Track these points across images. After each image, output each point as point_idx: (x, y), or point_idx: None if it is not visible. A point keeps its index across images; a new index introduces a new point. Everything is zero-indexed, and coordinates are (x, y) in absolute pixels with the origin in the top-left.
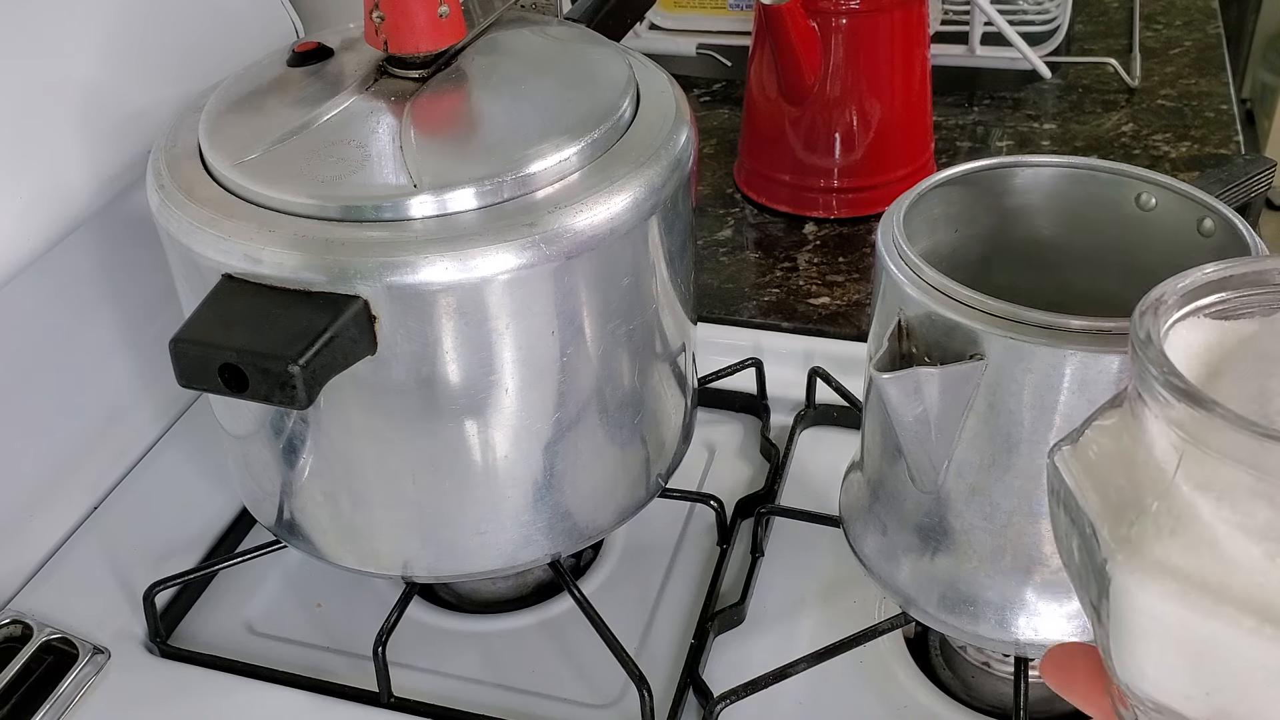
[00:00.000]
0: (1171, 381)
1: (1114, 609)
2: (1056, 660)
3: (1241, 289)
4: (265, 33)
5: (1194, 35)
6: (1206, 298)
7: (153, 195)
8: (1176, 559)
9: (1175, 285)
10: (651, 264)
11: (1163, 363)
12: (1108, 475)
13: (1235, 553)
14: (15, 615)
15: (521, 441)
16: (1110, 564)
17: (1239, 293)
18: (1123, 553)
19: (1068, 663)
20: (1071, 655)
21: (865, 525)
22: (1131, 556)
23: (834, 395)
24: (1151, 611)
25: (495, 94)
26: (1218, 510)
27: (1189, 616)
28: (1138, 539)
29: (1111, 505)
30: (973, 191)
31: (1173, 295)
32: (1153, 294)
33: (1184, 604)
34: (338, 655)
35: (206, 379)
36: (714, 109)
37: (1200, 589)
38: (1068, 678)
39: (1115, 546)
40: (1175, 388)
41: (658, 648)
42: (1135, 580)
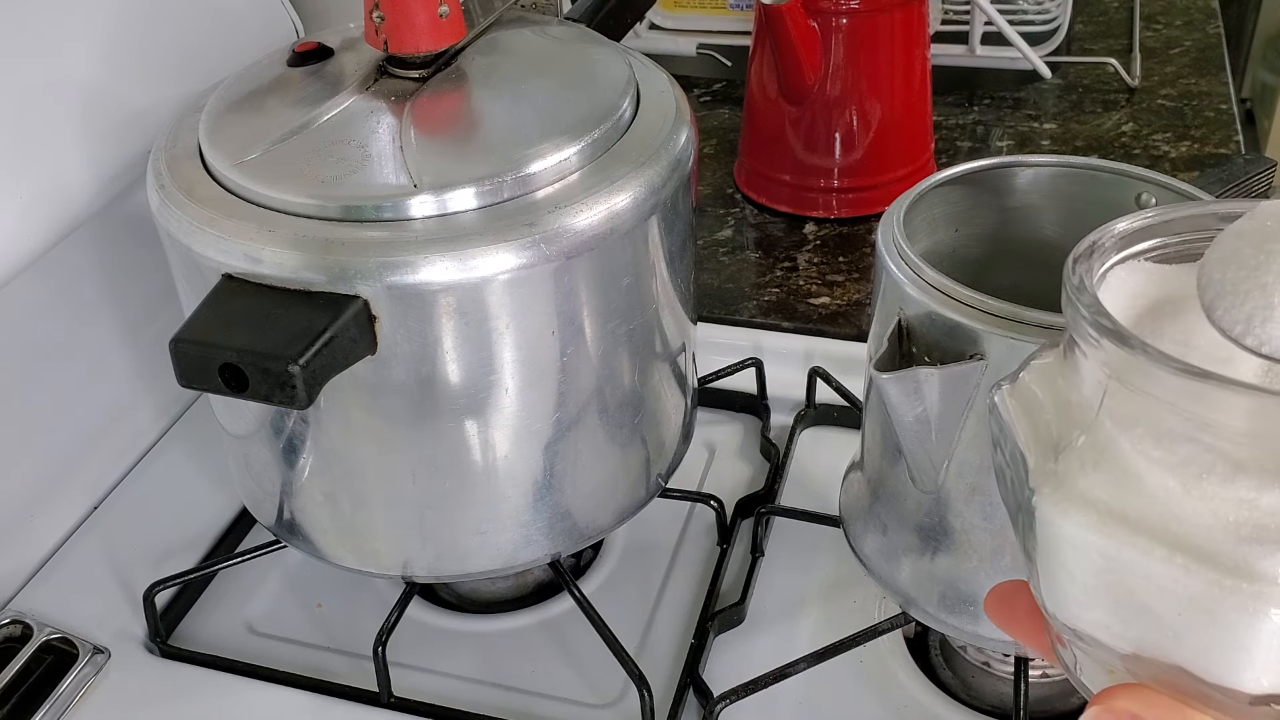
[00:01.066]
0: (1099, 321)
1: (1039, 541)
2: (999, 597)
3: (1181, 233)
4: (265, 33)
5: (1194, 35)
6: (1144, 242)
7: (153, 195)
8: (1098, 492)
9: (1111, 230)
10: (651, 264)
11: (1092, 303)
12: (1040, 412)
13: (1153, 485)
14: (15, 615)
15: (521, 441)
16: (1035, 496)
17: (1179, 238)
18: (1048, 485)
19: (1009, 600)
20: (1013, 593)
21: (865, 525)
22: (1056, 489)
23: (834, 395)
24: (1073, 542)
25: (495, 94)
26: (1139, 445)
27: (1107, 546)
28: (1062, 472)
29: (1041, 441)
30: (973, 191)
31: (1109, 239)
32: (1089, 237)
33: (1102, 534)
34: (338, 655)
35: (206, 379)
36: (714, 109)
37: (1119, 520)
38: (1009, 614)
39: (1041, 479)
40: (1101, 326)
41: (658, 648)
42: (1058, 512)
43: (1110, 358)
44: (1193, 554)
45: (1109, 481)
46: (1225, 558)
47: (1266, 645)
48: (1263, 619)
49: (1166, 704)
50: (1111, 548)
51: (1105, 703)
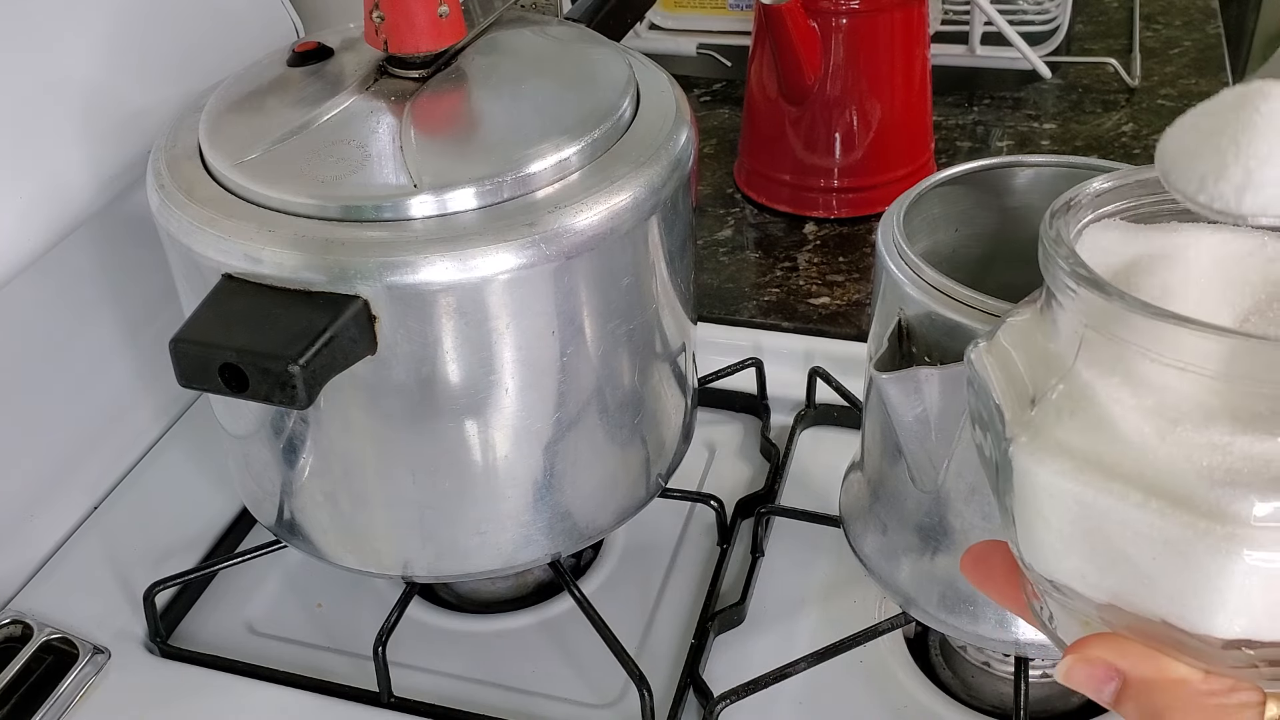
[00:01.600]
0: (1076, 271)
1: (1016, 491)
2: (975, 555)
3: (1155, 192)
4: (265, 33)
5: (1194, 35)
6: (1119, 201)
7: (153, 195)
8: (1073, 439)
9: (1087, 188)
10: (651, 264)
11: (1069, 255)
12: (1016, 366)
13: (1128, 432)
14: (15, 615)
15: (521, 441)
16: (1012, 446)
17: (1153, 197)
18: (1025, 434)
19: (985, 558)
20: (989, 551)
21: (865, 525)
22: (1033, 438)
23: (834, 395)
24: (1049, 490)
25: (495, 94)
26: (1113, 393)
27: (1083, 493)
28: (1038, 422)
29: (1017, 394)
30: (973, 191)
31: (1085, 197)
32: (1065, 195)
33: (1078, 481)
34: (338, 655)
35: (206, 379)
36: (714, 109)
37: (1094, 466)
38: (985, 573)
39: (1017, 429)
40: (1078, 276)
41: (658, 648)
42: (1035, 460)
43: (1086, 305)
44: (1167, 498)
45: (1084, 429)
46: (1199, 501)
47: (1239, 588)
48: (1235, 560)
49: (1141, 652)
50: (1087, 494)
51: (1080, 651)
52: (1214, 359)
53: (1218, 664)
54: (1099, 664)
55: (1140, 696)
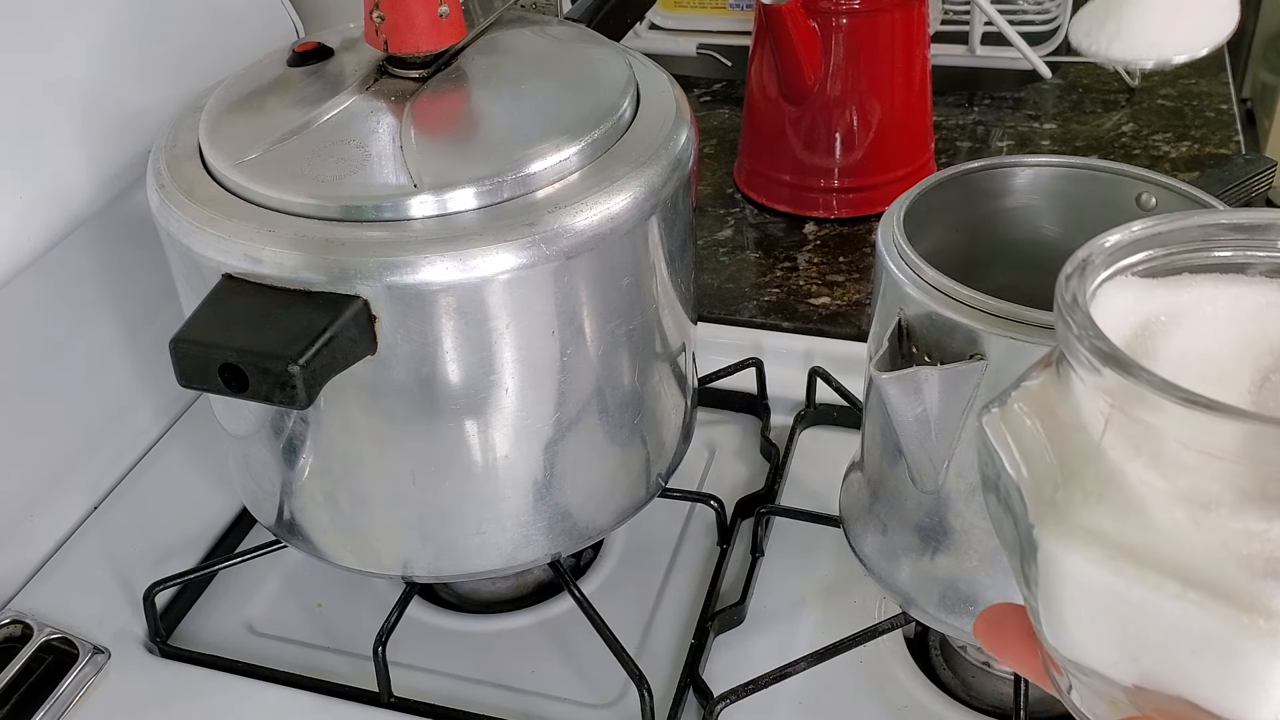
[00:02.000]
0: (1097, 346)
1: (1042, 575)
2: (989, 620)
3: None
4: (265, 33)
5: None
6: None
7: (153, 195)
8: (1103, 524)
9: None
10: (651, 264)
11: (1088, 326)
12: (1034, 438)
13: (1160, 518)
14: (15, 615)
15: (521, 441)
16: (1037, 530)
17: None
18: (1050, 518)
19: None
20: (1004, 615)
21: (865, 525)
22: (1059, 523)
23: (834, 395)
24: (1078, 578)
25: (495, 94)
26: (1143, 475)
27: (1115, 582)
28: (1064, 504)
29: (1038, 469)
30: (973, 191)
31: (1099, 255)
32: (1079, 254)
33: (1110, 570)
34: (338, 655)
35: (206, 379)
36: (714, 109)
37: (1126, 554)
38: (1000, 638)
39: (1042, 512)
40: (1100, 352)
41: (658, 648)
42: (1062, 546)
43: (1110, 384)
44: (1206, 590)
45: (1114, 513)
46: (1240, 593)
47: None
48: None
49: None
50: (1119, 584)
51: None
52: (1243, 443)
53: None
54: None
55: None
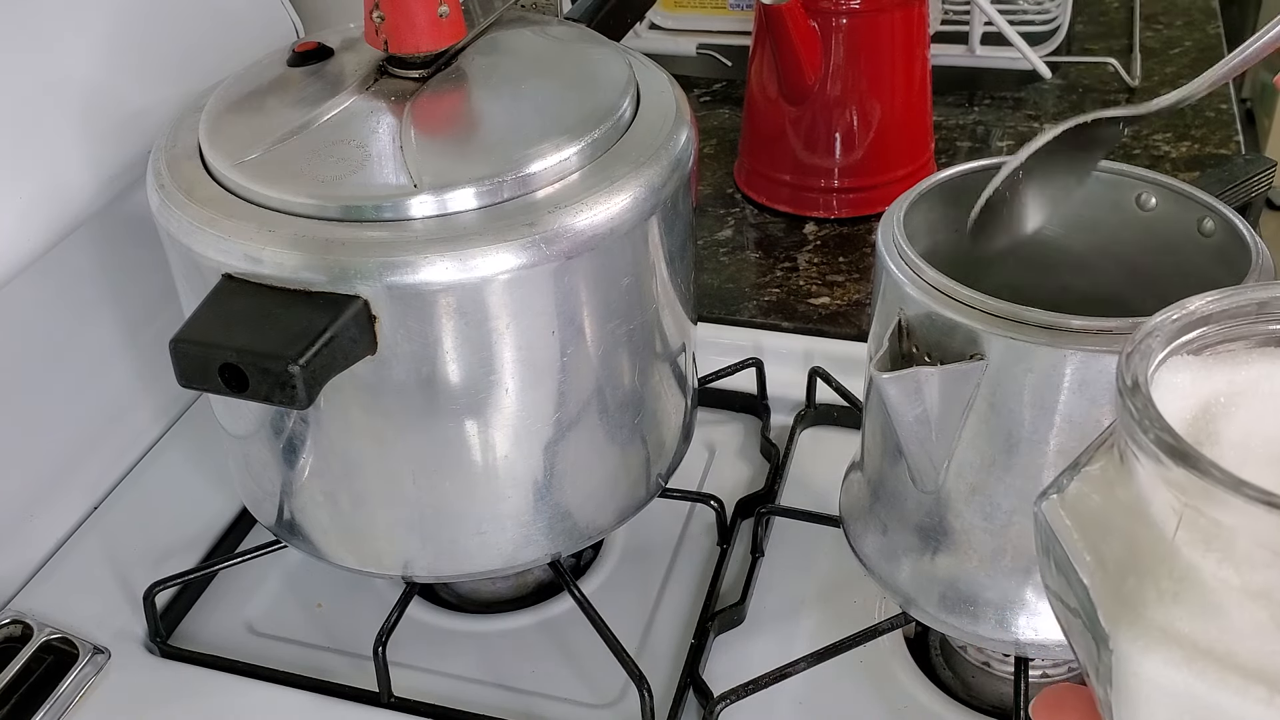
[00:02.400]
0: (1163, 439)
1: (1116, 675)
2: (1048, 702)
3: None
4: (265, 33)
5: (1194, 35)
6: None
7: (153, 195)
8: (1180, 625)
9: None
10: (651, 264)
11: (1153, 417)
12: (1101, 530)
13: (1240, 618)
14: (15, 615)
15: (521, 441)
16: (1110, 629)
17: (1220, 325)
18: (1124, 617)
19: (1059, 704)
20: (1062, 697)
21: (865, 525)
22: (1134, 623)
23: (834, 395)
24: (1155, 679)
25: (495, 94)
26: (1219, 572)
27: (1195, 685)
28: (1138, 604)
29: (1107, 564)
30: (973, 191)
31: (1163, 332)
32: (1141, 331)
33: (1190, 672)
34: (338, 655)
35: (206, 379)
36: (714, 109)
37: (1206, 656)
38: None
39: (1115, 611)
40: (1167, 446)
41: (658, 648)
42: (1138, 648)
43: (1178, 479)
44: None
45: (1191, 614)
46: None
47: None
48: None
49: None
50: (1201, 688)
51: None
52: None
53: None
54: None
55: None
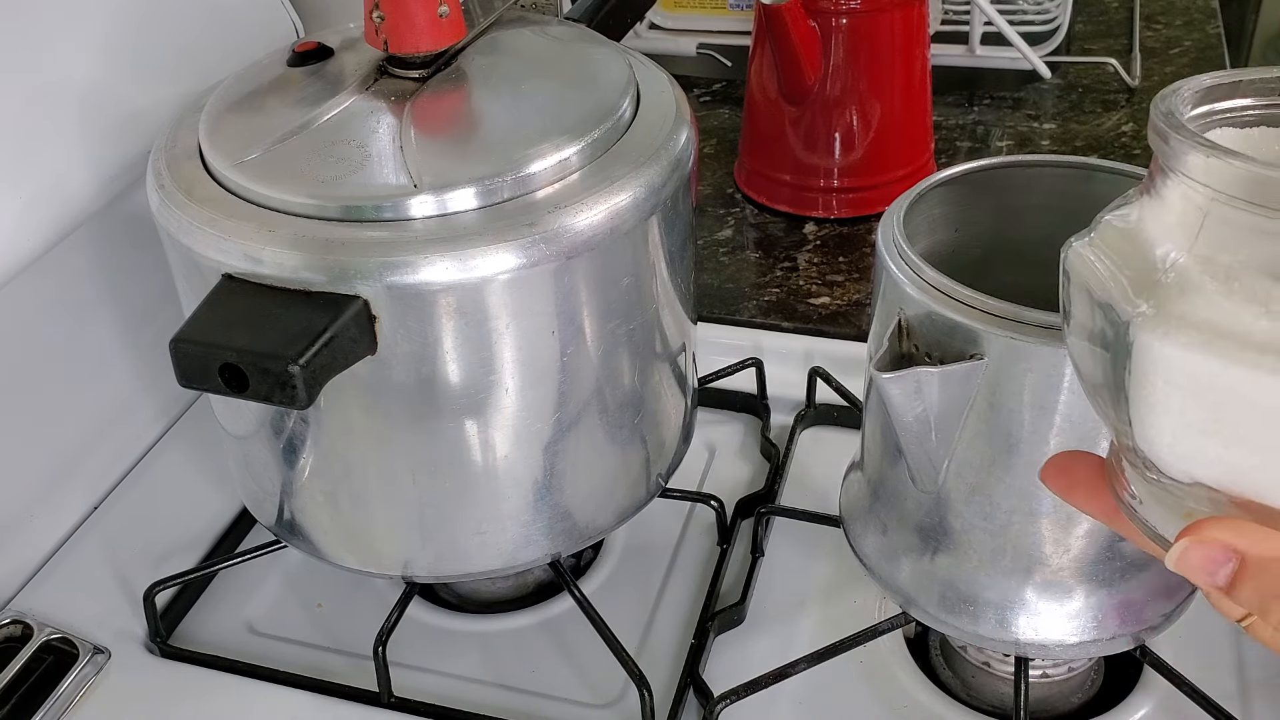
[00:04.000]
0: (1196, 139)
1: (1135, 371)
2: (1059, 466)
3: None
4: (265, 32)
5: (1194, 35)
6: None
7: (153, 195)
8: (1200, 312)
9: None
10: (651, 264)
11: (1186, 127)
12: (1126, 254)
13: (1259, 300)
14: (15, 615)
15: (521, 441)
16: (1133, 325)
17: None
18: (1149, 309)
19: (1069, 467)
20: (1072, 460)
21: (865, 525)
22: (1157, 312)
23: (834, 395)
24: (1174, 363)
25: (495, 94)
26: (1241, 260)
27: (1213, 364)
28: (1161, 298)
29: (1129, 279)
30: (973, 191)
31: (1189, 88)
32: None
33: (1208, 353)
34: (338, 655)
35: (206, 379)
36: (714, 109)
37: (1225, 337)
38: (1068, 481)
39: (1137, 308)
40: (1202, 144)
41: (658, 648)
42: (1159, 335)
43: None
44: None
45: (1211, 302)
46: None
47: None
48: None
49: (1260, 531)
50: (1217, 365)
51: (1196, 534)
52: None
53: None
54: (1215, 545)
55: (1259, 576)
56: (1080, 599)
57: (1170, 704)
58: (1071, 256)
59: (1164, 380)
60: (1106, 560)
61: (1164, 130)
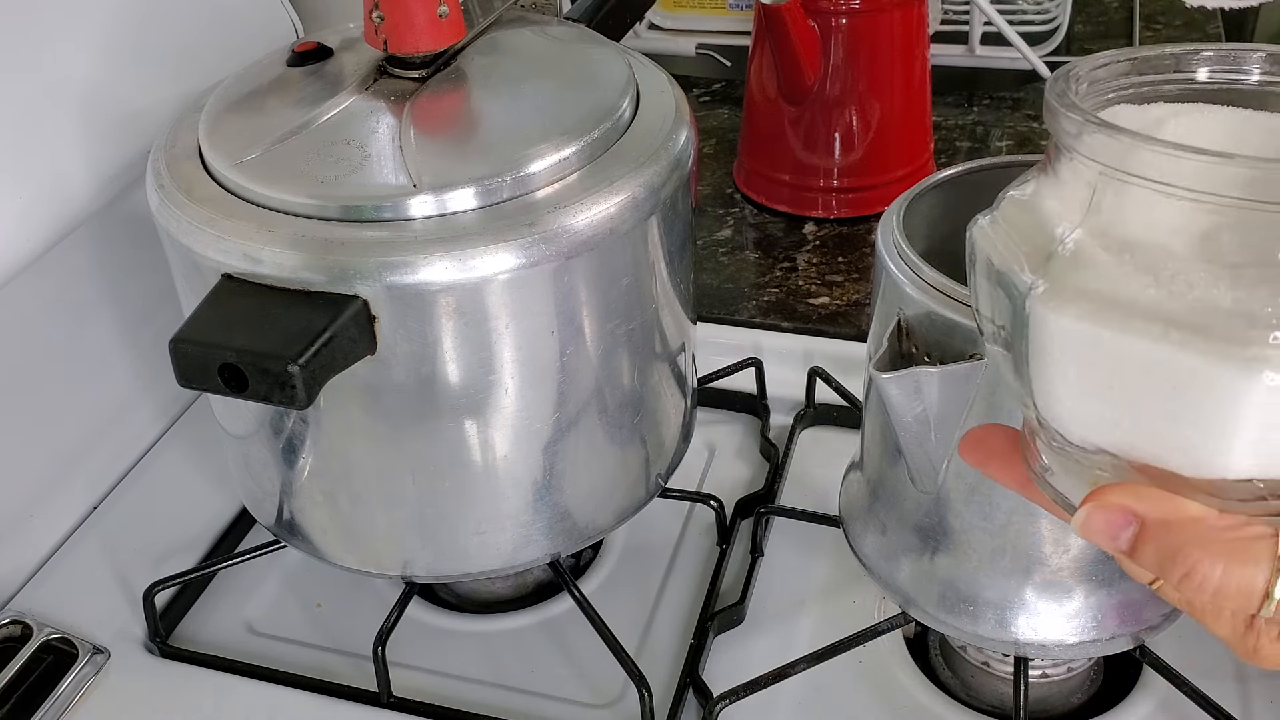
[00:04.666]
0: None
1: (1032, 342)
2: (974, 439)
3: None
4: (264, 32)
5: (1194, 35)
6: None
7: (153, 195)
8: (1091, 284)
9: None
10: (651, 264)
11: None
12: (1024, 229)
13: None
14: (15, 615)
15: (521, 441)
16: (1029, 299)
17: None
18: (1043, 283)
19: (983, 440)
20: (986, 433)
21: (865, 525)
22: (1051, 285)
23: (834, 395)
24: (1069, 334)
25: (495, 94)
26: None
27: (1102, 333)
28: (1055, 272)
29: (1027, 252)
30: (973, 191)
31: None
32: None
33: (1098, 322)
34: (338, 655)
35: (206, 379)
36: (714, 109)
37: (1113, 306)
38: (984, 453)
39: (1032, 281)
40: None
41: (658, 648)
42: (1052, 308)
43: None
44: (1187, 328)
45: (1101, 274)
46: (1218, 328)
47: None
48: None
49: (1157, 495)
50: (1106, 334)
51: (1098, 499)
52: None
53: (1230, 501)
54: (1116, 510)
55: (1159, 538)
56: (1080, 599)
57: (1170, 704)
58: (975, 233)
59: (1060, 350)
60: (1106, 560)
61: (1055, 108)
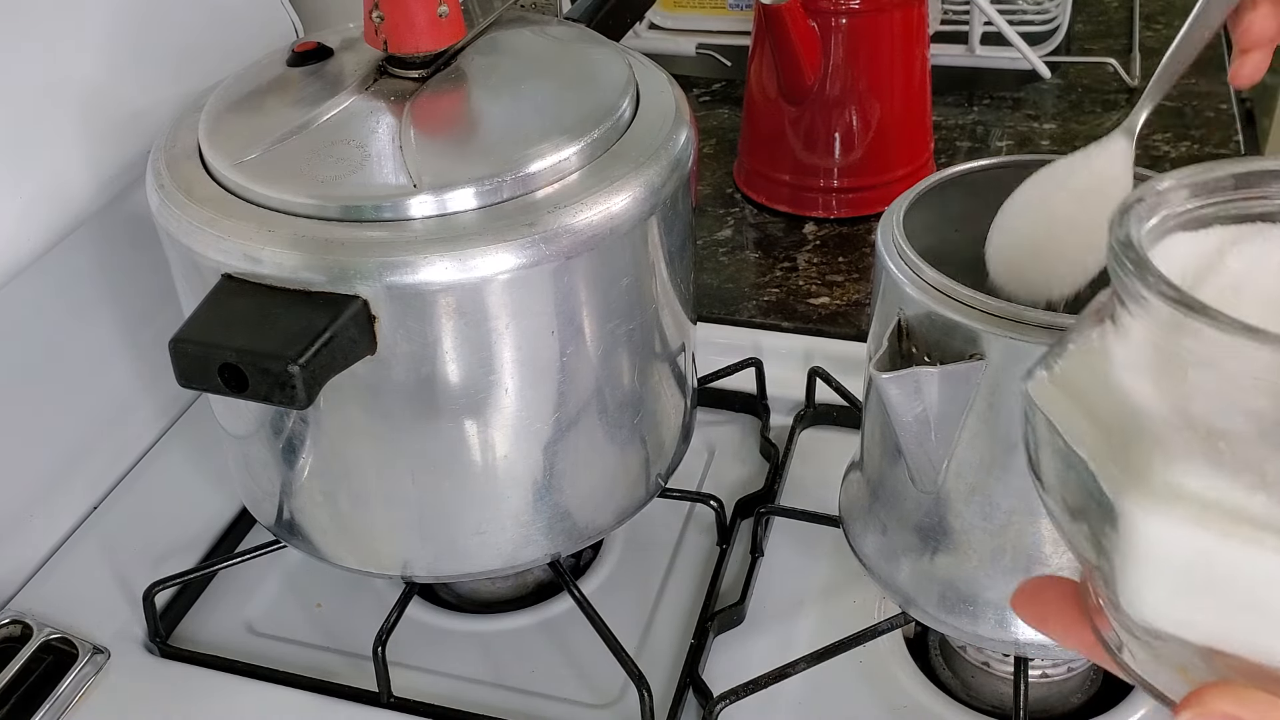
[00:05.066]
0: (1167, 291)
1: (1122, 540)
2: (1029, 594)
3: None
4: (264, 32)
5: None
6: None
7: (153, 195)
8: (1188, 482)
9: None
10: (651, 264)
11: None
12: (1096, 401)
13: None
14: (15, 615)
15: (521, 441)
16: (1116, 495)
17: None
18: (1129, 483)
19: (1039, 595)
20: (1042, 588)
21: (865, 525)
22: (1139, 484)
23: (834, 395)
24: (1165, 539)
25: (495, 94)
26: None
27: (1204, 539)
28: (1143, 467)
29: (1104, 433)
30: (973, 191)
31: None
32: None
33: (1200, 527)
34: (338, 655)
35: (206, 379)
36: (714, 109)
37: (1215, 510)
38: (1040, 611)
39: (1120, 477)
40: (1173, 297)
41: (658, 648)
42: (1143, 509)
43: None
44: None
45: (1200, 472)
46: None
47: None
48: None
49: (1265, 700)
50: (1209, 541)
51: (1198, 705)
52: None
53: None
54: (1220, 717)
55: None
56: None
57: None
58: (1033, 391)
59: (1152, 553)
60: None
61: (1121, 261)
